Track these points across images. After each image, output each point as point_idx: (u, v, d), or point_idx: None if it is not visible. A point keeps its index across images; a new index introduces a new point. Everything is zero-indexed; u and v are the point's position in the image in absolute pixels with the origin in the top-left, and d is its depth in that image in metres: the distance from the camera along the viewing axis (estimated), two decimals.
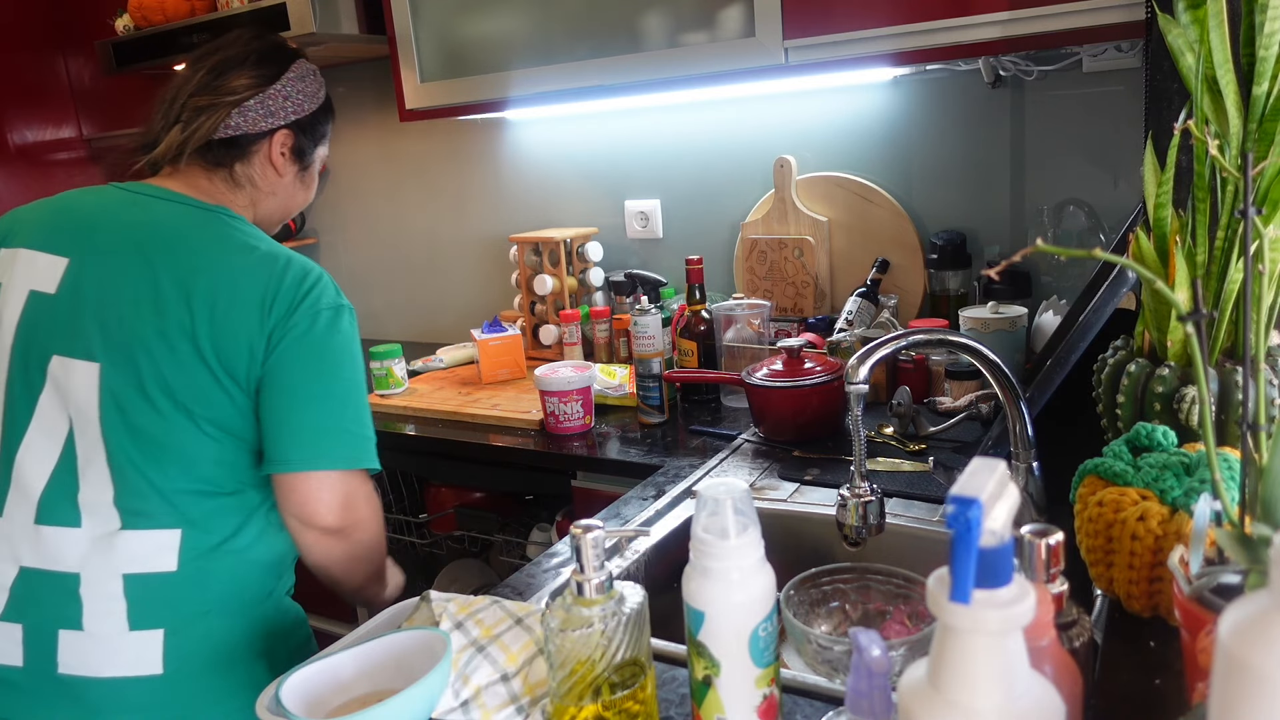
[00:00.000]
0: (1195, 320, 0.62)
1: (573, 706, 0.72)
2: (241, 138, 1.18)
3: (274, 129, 1.20)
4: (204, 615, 1.07)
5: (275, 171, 1.22)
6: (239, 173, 1.20)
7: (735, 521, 0.67)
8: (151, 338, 1.04)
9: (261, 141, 1.20)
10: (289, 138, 1.22)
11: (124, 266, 1.07)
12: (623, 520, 1.28)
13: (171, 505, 1.05)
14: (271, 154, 1.21)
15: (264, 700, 0.79)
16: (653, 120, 2.13)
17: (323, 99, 1.27)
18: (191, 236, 1.10)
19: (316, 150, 1.29)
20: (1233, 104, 0.87)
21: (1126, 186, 1.66)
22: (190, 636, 1.06)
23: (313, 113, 1.25)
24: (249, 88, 1.18)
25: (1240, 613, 0.41)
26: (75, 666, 1.03)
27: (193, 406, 1.05)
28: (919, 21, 1.39)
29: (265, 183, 1.22)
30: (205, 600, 1.07)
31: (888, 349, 0.99)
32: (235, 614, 1.10)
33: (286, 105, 1.21)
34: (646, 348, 1.70)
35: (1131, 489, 0.82)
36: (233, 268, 1.08)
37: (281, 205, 1.27)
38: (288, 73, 1.21)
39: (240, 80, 1.18)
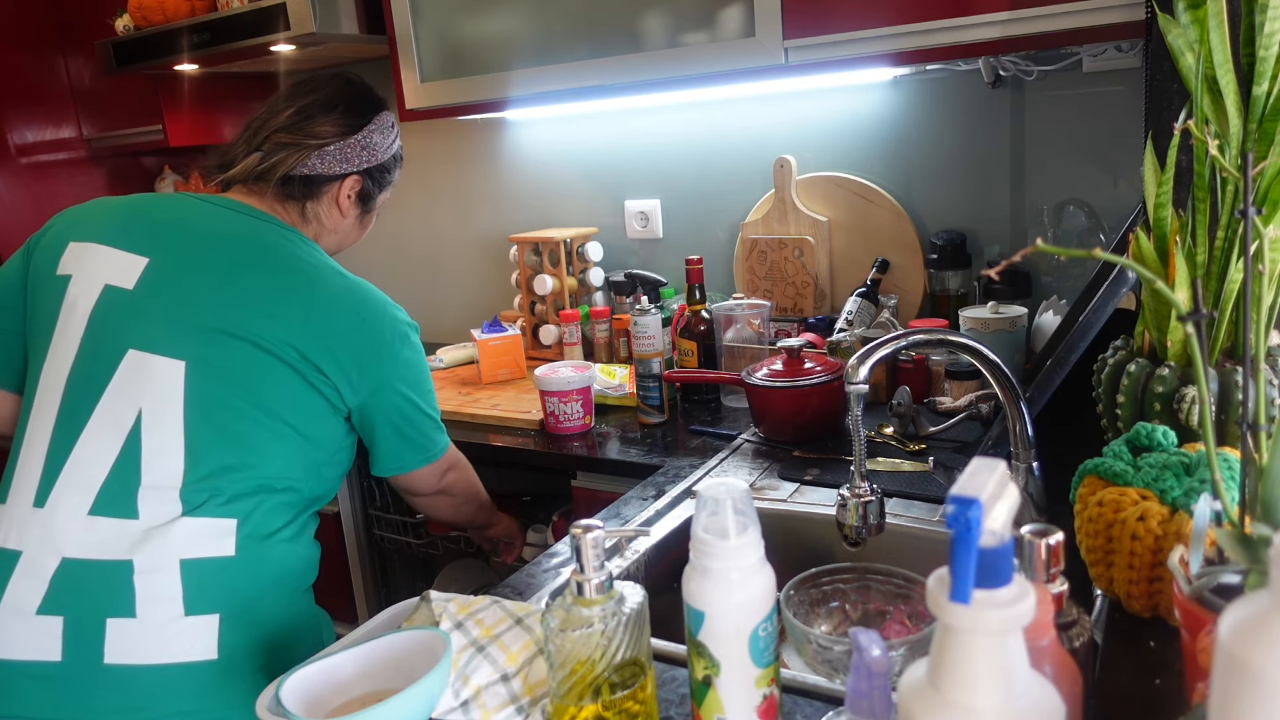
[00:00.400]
0: (1195, 320, 0.62)
1: (573, 706, 0.72)
2: (316, 178, 1.26)
3: (346, 174, 1.28)
4: (259, 600, 1.10)
5: (340, 213, 1.30)
6: (308, 209, 1.28)
7: (735, 521, 0.67)
8: (239, 341, 1.11)
9: (333, 184, 1.28)
10: (358, 183, 1.30)
11: (211, 270, 1.14)
12: (623, 520, 1.28)
13: (230, 500, 1.09)
14: (339, 196, 1.29)
15: (264, 700, 0.80)
16: (653, 120, 2.13)
17: (396, 150, 1.35)
18: (280, 250, 1.18)
19: (380, 195, 1.36)
20: (1233, 104, 0.87)
21: (1126, 186, 1.66)
22: (245, 621, 1.08)
23: (384, 162, 1.33)
24: (333, 135, 1.26)
25: (1240, 613, 0.41)
26: (125, 655, 1.02)
27: (276, 407, 1.13)
28: (919, 21, 1.39)
29: (330, 221, 1.30)
30: (259, 585, 1.10)
31: (888, 349, 0.99)
32: (284, 602, 1.14)
33: (363, 154, 1.29)
34: (646, 348, 1.70)
35: (1131, 489, 0.82)
36: (329, 286, 1.17)
37: (338, 243, 1.35)
38: (370, 124, 1.29)
39: (326, 126, 1.26)
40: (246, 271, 1.14)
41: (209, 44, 2.12)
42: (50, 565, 1.04)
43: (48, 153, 2.66)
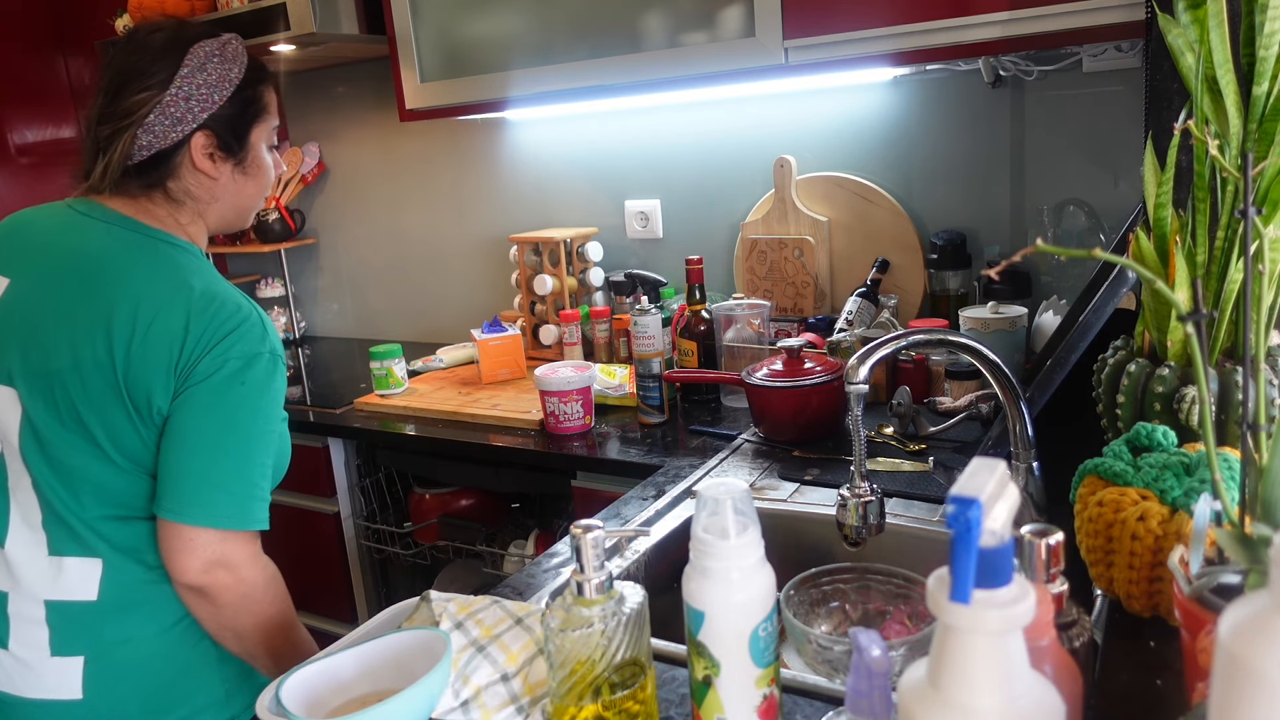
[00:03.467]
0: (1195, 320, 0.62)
1: (573, 706, 0.72)
2: (157, 156, 1.10)
3: (186, 136, 1.10)
4: (124, 644, 1.06)
5: (208, 177, 1.13)
6: (173, 189, 1.12)
7: (735, 521, 0.67)
8: (67, 366, 1.02)
9: (180, 153, 1.11)
10: (207, 138, 1.12)
11: (55, 291, 1.05)
12: (623, 520, 1.28)
13: (94, 530, 1.05)
14: (196, 161, 1.12)
15: (264, 700, 0.79)
16: (653, 120, 2.13)
17: (237, 78, 1.13)
18: (121, 265, 1.06)
19: (250, 135, 1.16)
20: (1233, 104, 0.87)
21: (1126, 186, 1.66)
22: (110, 664, 1.06)
23: (229, 99, 1.12)
24: (145, 102, 1.08)
25: (1240, 613, 0.41)
26: (3, 684, 1.06)
27: (102, 438, 1.03)
28: (919, 21, 1.39)
29: (202, 191, 1.14)
30: (125, 629, 1.06)
31: (888, 349, 0.99)
32: (156, 641, 1.08)
33: (191, 105, 1.09)
34: (646, 348, 1.70)
35: (1131, 489, 0.82)
36: (158, 302, 1.03)
37: (233, 205, 1.18)
38: (181, 69, 1.09)
39: (135, 97, 1.09)
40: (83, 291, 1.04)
41: None
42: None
43: (48, 153, 2.66)
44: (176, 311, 1.03)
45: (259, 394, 1.05)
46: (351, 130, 2.61)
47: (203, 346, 1.02)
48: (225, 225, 1.20)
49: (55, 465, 1.04)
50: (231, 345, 1.03)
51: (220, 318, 1.04)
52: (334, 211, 2.73)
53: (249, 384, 1.04)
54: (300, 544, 2.12)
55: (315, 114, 2.72)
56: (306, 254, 2.85)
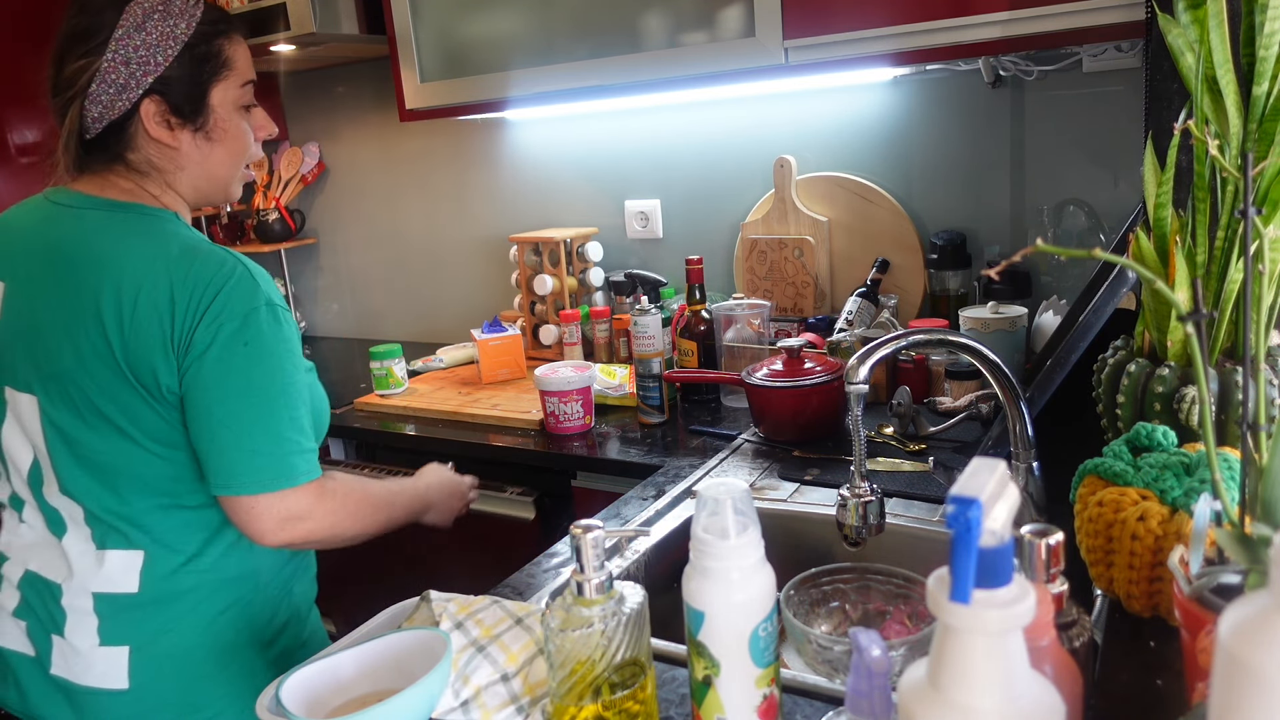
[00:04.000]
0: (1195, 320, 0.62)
1: (573, 706, 0.72)
2: (110, 128, 1.03)
3: (135, 103, 1.02)
4: (165, 634, 1.06)
5: (166, 145, 1.06)
6: (135, 161, 1.06)
7: (735, 521, 0.67)
8: (73, 362, 1.00)
9: (132, 122, 1.03)
10: (157, 104, 1.03)
11: (44, 290, 1.02)
12: (623, 520, 1.28)
13: (135, 524, 1.05)
14: (150, 130, 1.04)
15: (264, 700, 0.79)
16: (653, 120, 2.13)
17: (184, 34, 1.03)
18: (97, 248, 1.02)
19: (209, 97, 1.07)
20: (1233, 104, 0.87)
21: (1126, 186, 1.66)
22: (152, 655, 1.06)
23: (175, 59, 1.03)
24: (84, 69, 1.01)
25: (1240, 613, 0.41)
26: (62, 670, 1.07)
27: (128, 426, 1.01)
28: (919, 21, 1.39)
29: (165, 160, 1.06)
30: (166, 620, 1.06)
31: (888, 349, 0.99)
32: (198, 632, 1.08)
33: (133, 70, 1.01)
34: (646, 348, 1.70)
35: (1131, 489, 0.82)
36: (139, 277, 0.99)
37: (203, 174, 1.10)
38: (116, 30, 1.00)
39: (75, 64, 1.01)
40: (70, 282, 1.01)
41: None
42: (17, 573, 1.10)
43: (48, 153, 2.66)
44: (160, 282, 0.98)
45: (266, 351, 1.00)
46: (351, 130, 2.61)
47: (194, 315, 0.98)
48: (203, 196, 1.12)
49: (89, 465, 1.03)
50: (223, 307, 0.98)
51: (204, 279, 0.98)
52: (334, 211, 2.73)
53: (252, 343, 1.00)
54: None
55: (315, 114, 2.72)
56: (306, 254, 2.85)
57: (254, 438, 1.00)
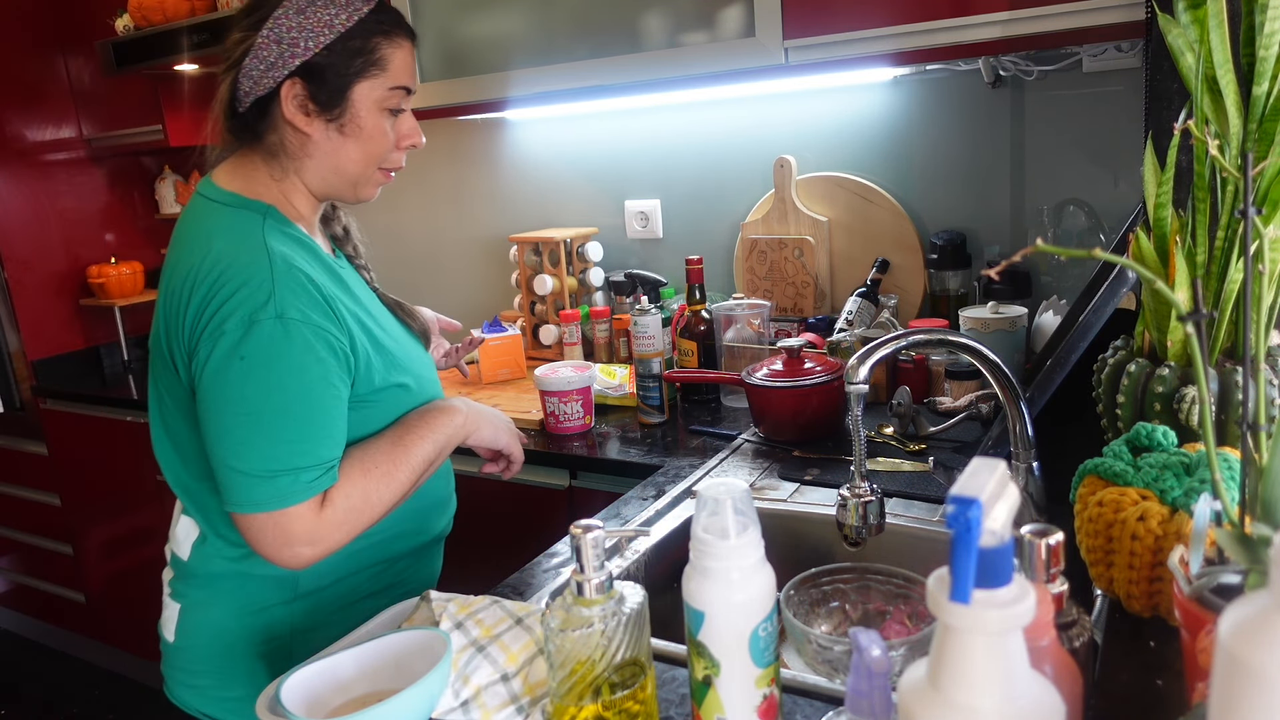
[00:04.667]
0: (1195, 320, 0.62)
1: (573, 706, 0.72)
2: (254, 104, 1.04)
3: (278, 83, 1.02)
4: (205, 607, 1.11)
5: (299, 131, 1.05)
6: (270, 142, 1.06)
7: (735, 521, 0.67)
8: (153, 344, 1.08)
9: (274, 101, 1.04)
10: (297, 87, 1.03)
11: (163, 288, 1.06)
12: (623, 520, 1.28)
13: (194, 498, 1.10)
14: (286, 112, 1.04)
15: (264, 700, 0.79)
16: (653, 120, 2.13)
17: (343, 25, 1.03)
18: (186, 236, 1.04)
19: (351, 91, 1.05)
20: (1233, 104, 0.87)
21: (1126, 186, 1.66)
22: (195, 620, 1.12)
23: (327, 47, 1.02)
24: (241, 42, 1.03)
25: (1240, 613, 0.41)
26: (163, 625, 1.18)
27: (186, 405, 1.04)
28: (919, 21, 1.39)
29: (295, 145, 1.06)
30: (208, 594, 1.11)
31: (888, 349, 0.99)
32: (233, 617, 1.10)
33: (284, 50, 1.01)
34: (646, 348, 1.70)
35: (1131, 489, 0.82)
36: (186, 269, 0.99)
37: (331, 166, 1.08)
38: (278, 9, 1.01)
39: (235, 36, 1.03)
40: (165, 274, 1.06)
41: (209, 44, 2.13)
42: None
43: (48, 153, 2.66)
44: (194, 281, 0.98)
45: (263, 366, 0.95)
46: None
47: (203, 321, 0.96)
48: (330, 189, 1.10)
49: (171, 431, 1.09)
50: (228, 315, 0.95)
51: (220, 283, 0.96)
52: None
53: (249, 357, 0.95)
54: None
55: None
56: None
57: (242, 457, 0.96)
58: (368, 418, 1.07)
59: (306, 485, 0.97)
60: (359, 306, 1.09)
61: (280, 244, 1.02)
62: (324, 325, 0.99)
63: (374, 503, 1.03)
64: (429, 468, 1.09)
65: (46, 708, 2.73)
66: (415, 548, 1.19)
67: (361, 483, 1.02)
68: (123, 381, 2.59)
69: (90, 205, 2.76)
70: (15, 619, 3.12)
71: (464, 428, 1.14)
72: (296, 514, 0.97)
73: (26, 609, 3.03)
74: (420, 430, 1.08)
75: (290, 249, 1.03)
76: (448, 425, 1.11)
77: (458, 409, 1.14)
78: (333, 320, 1.01)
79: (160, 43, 2.21)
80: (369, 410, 1.07)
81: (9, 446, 2.78)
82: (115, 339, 2.77)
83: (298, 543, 0.97)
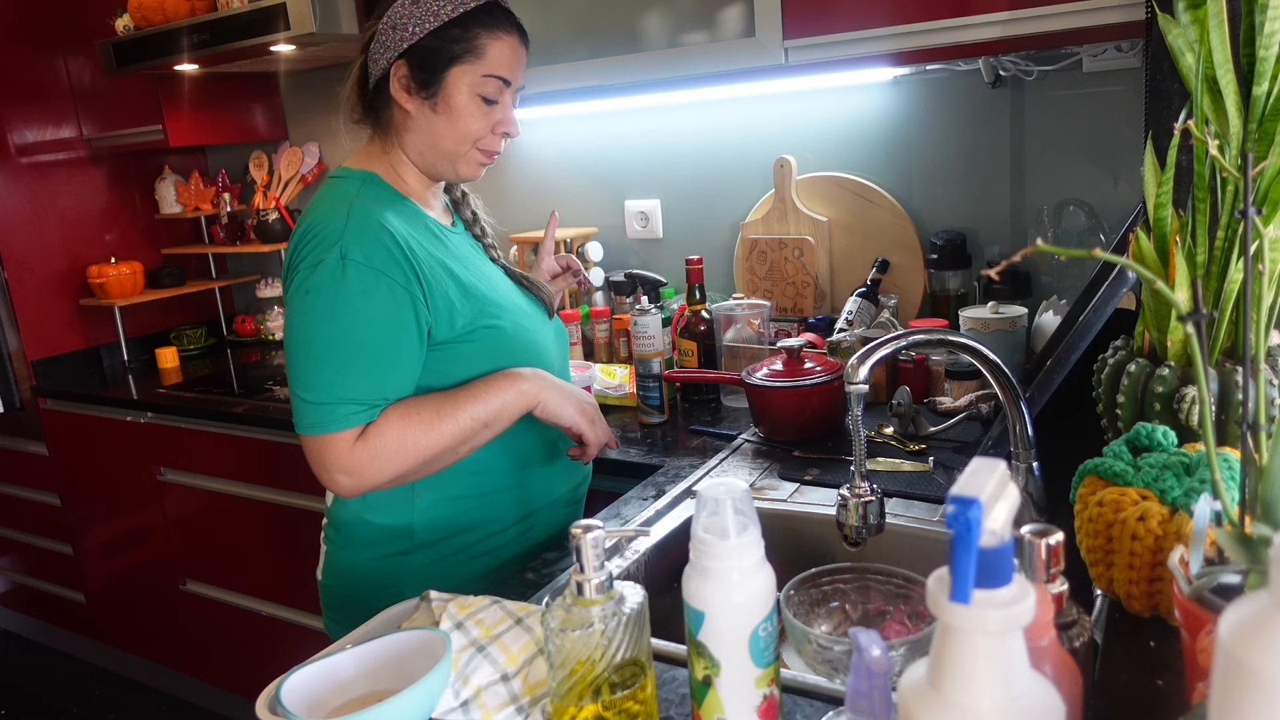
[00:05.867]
0: (1195, 320, 0.62)
1: (573, 706, 0.72)
2: (376, 84, 1.18)
3: (390, 63, 1.16)
4: (343, 548, 1.24)
5: (402, 107, 1.17)
6: (384, 118, 1.20)
7: (735, 521, 0.67)
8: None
9: (387, 82, 1.17)
10: (403, 68, 1.15)
11: None
12: (623, 520, 1.28)
13: None
14: (393, 90, 1.16)
15: (264, 700, 0.79)
16: (653, 120, 2.13)
17: (449, 14, 1.14)
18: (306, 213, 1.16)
19: (447, 73, 1.15)
20: (1233, 104, 0.87)
21: (1126, 186, 1.66)
22: (336, 561, 1.25)
23: (431, 32, 1.14)
24: (369, 29, 1.18)
25: (1240, 613, 0.41)
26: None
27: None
28: (919, 21, 1.39)
29: (401, 121, 1.19)
30: (341, 540, 1.24)
31: (888, 349, 0.99)
32: (364, 561, 1.22)
33: (397, 35, 1.15)
34: (646, 348, 1.70)
35: (1131, 489, 0.82)
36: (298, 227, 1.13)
37: (427, 143, 1.19)
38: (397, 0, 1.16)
39: (366, 25, 1.19)
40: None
41: (209, 44, 2.13)
42: None
43: (48, 153, 2.66)
44: (292, 238, 1.12)
45: (325, 300, 1.06)
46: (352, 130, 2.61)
47: (289, 265, 1.11)
48: (429, 165, 1.21)
49: None
50: (304, 256, 1.08)
51: (303, 227, 1.10)
52: None
53: (313, 291, 1.06)
54: (299, 543, 2.12)
55: (315, 114, 2.72)
56: None
57: (298, 382, 1.08)
58: (459, 354, 1.16)
59: (344, 417, 1.06)
60: (453, 260, 1.18)
61: (371, 202, 1.13)
62: (387, 271, 1.08)
63: (410, 449, 1.09)
64: (484, 429, 1.14)
65: (46, 708, 2.73)
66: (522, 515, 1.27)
67: (399, 425, 1.09)
68: (123, 381, 2.59)
69: (90, 205, 2.76)
70: (15, 619, 3.12)
71: (526, 395, 1.18)
72: (333, 442, 1.07)
73: (26, 609, 3.03)
74: (476, 390, 1.14)
75: (383, 208, 1.13)
76: (507, 390, 1.16)
77: (523, 377, 1.18)
78: (402, 268, 1.09)
79: (160, 43, 2.21)
80: (461, 348, 1.16)
81: (9, 446, 2.78)
82: (115, 339, 2.77)
83: (335, 469, 1.07)
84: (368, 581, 1.22)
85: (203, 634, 2.45)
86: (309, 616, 2.20)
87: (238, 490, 2.20)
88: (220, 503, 2.25)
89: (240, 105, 2.71)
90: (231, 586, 2.35)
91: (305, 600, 2.19)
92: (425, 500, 1.19)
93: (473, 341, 1.16)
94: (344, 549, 1.24)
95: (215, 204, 2.81)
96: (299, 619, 2.22)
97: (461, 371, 1.16)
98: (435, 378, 1.15)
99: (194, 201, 2.83)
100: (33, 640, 3.09)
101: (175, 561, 2.43)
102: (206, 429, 2.21)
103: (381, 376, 1.08)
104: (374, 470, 1.08)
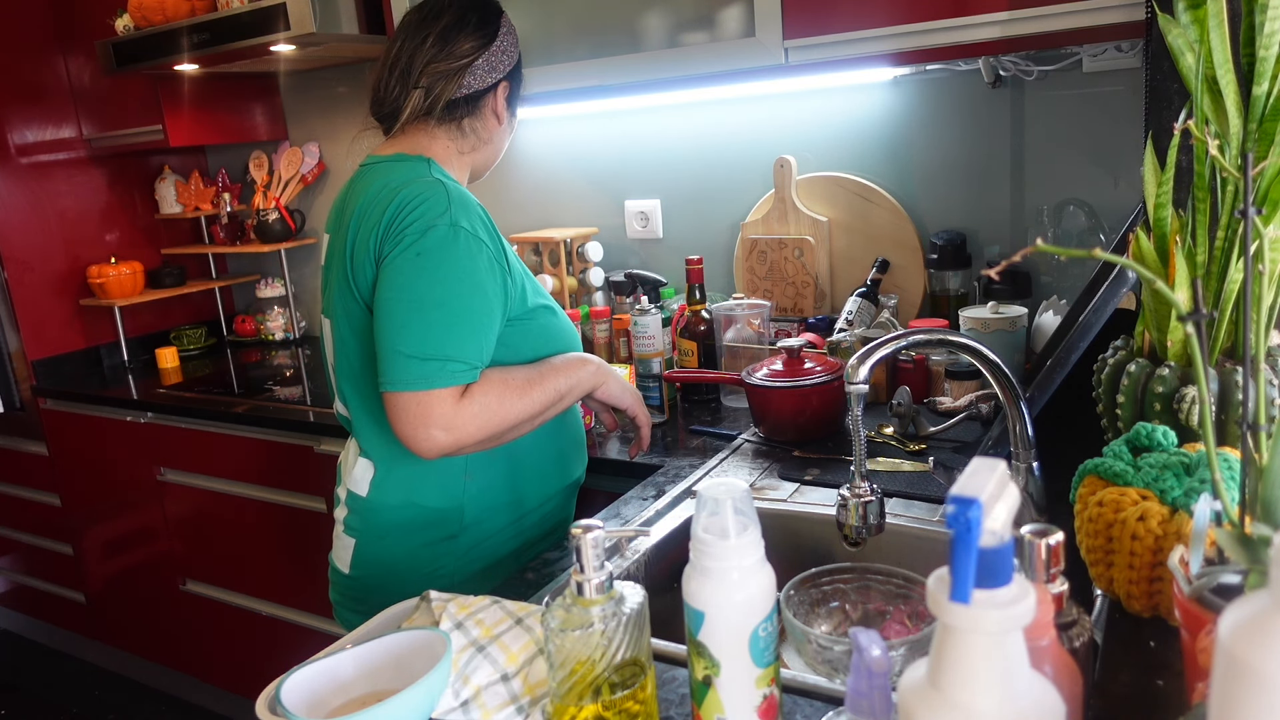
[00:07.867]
0: (1195, 320, 0.62)
1: (573, 706, 0.72)
2: (474, 95, 1.29)
3: (497, 82, 1.31)
4: (381, 538, 1.27)
5: (496, 120, 1.33)
6: (466, 125, 1.30)
7: (735, 521, 0.67)
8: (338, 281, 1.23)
9: (488, 95, 1.31)
10: (508, 88, 1.32)
11: (337, 231, 1.26)
12: (623, 520, 1.28)
13: (372, 441, 1.26)
14: (496, 105, 1.32)
15: (264, 700, 0.79)
16: (653, 120, 2.13)
17: (519, 47, 1.36)
18: (365, 186, 1.23)
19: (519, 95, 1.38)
20: (1233, 104, 0.87)
21: (1126, 186, 1.66)
22: (371, 552, 1.28)
23: (518, 62, 1.34)
24: (475, 49, 1.28)
25: (1240, 613, 0.41)
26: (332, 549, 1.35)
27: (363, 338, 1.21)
28: (919, 21, 1.39)
29: (487, 132, 1.33)
30: (381, 529, 1.26)
31: (888, 349, 0.99)
32: (405, 550, 1.26)
33: (503, 59, 1.31)
34: (646, 348, 1.70)
35: (1131, 489, 0.82)
36: (372, 198, 1.19)
37: (494, 151, 1.36)
38: (501, 27, 1.31)
39: (467, 44, 1.28)
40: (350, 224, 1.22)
41: (209, 44, 2.12)
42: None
43: (48, 153, 2.66)
44: (383, 204, 1.17)
45: (435, 263, 1.13)
46: (351, 130, 2.60)
47: (390, 228, 1.15)
48: (481, 169, 1.37)
49: (350, 375, 1.26)
50: (411, 222, 1.14)
51: (406, 198, 1.16)
52: None
53: (424, 253, 1.13)
54: (299, 543, 2.12)
55: (315, 114, 2.72)
56: (306, 254, 2.85)
57: (403, 339, 1.11)
58: (528, 331, 1.25)
59: (451, 374, 1.11)
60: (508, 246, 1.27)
61: (455, 182, 1.22)
62: (488, 242, 1.17)
63: (507, 411, 1.16)
64: (560, 401, 1.25)
65: (46, 708, 2.73)
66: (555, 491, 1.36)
67: (500, 388, 1.16)
68: (123, 381, 2.59)
69: (90, 205, 2.76)
70: (15, 619, 3.12)
71: (596, 375, 1.31)
72: (438, 397, 1.11)
73: (26, 609, 3.03)
74: (557, 364, 1.26)
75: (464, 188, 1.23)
76: (581, 369, 1.29)
77: (591, 360, 1.32)
78: (496, 241, 1.19)
79: (160, 43, 2.21)
80: (528, 325, 1.25)
81: (9, 446, 2.78)
82: (115, 339, 2.77)
83: (434, 425, 1.10)
84: (404, 572, 1.26)
85: (203, 634, 2.45)
86: (309, 616, 2.20)
87: (238, 490, 2.20)
88: (220, 503, 2.25)
89: (240, 105, 2.71)
90: (231, 586, 2.35)
91: (305, 600, 2.19)
92: (477, 482, 1.26)
93: (534, 320, 1.26)
94: (381, 539, 1.27)
95: (215, 204, 2.81)
96: (299, 619, 2.22)
97: (529, 349, 1.25)
98: (506, 352, 1.21)
99: (194, 201, 2.83)
100: (33, 640, 3.09)
101: (175, 561, 2.43)
102: (206, 429, 2.21)
103: (483, 339, 1.16)
104: (474, 428, 1.12)
